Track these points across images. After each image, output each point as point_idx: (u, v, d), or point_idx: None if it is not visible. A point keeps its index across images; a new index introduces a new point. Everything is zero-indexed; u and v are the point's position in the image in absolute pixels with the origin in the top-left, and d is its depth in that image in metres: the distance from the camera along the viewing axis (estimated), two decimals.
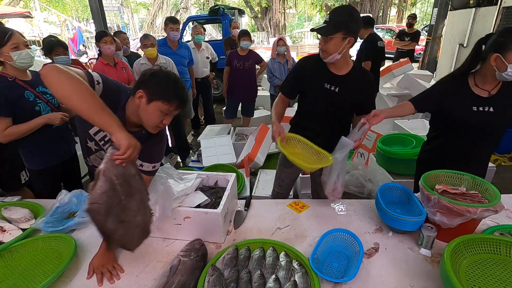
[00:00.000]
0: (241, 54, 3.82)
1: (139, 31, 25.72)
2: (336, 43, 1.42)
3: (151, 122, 1.13)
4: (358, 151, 3.30)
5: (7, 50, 1.54)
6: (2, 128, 1.58)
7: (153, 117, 1.12)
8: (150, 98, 1.10)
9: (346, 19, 1.42)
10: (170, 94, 1.10)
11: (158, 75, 1.13)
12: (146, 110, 1.11)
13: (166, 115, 1.13)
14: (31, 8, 15.55)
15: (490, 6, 4.61)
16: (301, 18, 27.20)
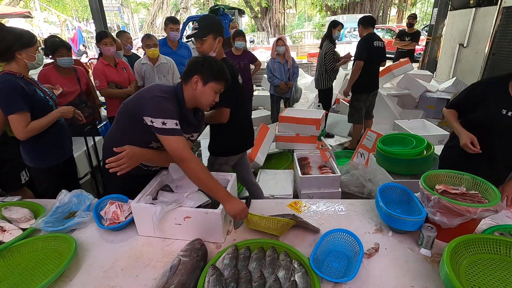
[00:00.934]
0: (236, 54, 3.83)
1: (139, 31, 25.73)
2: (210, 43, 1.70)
3: (208, 101, 1.38)
4: (358, 151, 3.30)
5: (34, 51, 1.66)
6: (25, 124, 1.61)
7: (209, 96, 1.36)
8: (206, 80, 1.34)
9: (212, 23, 1.71)
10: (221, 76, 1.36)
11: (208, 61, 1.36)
12: (203, 91, 1.35)
13: (217, 94, 1.39)
14: (31, 8, 15.55)
15: (490, 6, 4.61)
16: (301, 18, 27.20)
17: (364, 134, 3.27)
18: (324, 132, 3.98)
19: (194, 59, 1.40)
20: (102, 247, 1.27)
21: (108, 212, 1.39)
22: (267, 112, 4.90)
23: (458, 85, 4.45)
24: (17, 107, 1.57)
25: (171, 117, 1.24)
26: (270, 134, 3.08)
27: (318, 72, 4.21)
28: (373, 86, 3.80)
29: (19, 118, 1.58)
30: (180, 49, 3.70)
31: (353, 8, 21.11)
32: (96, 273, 1.13)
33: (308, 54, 10.14)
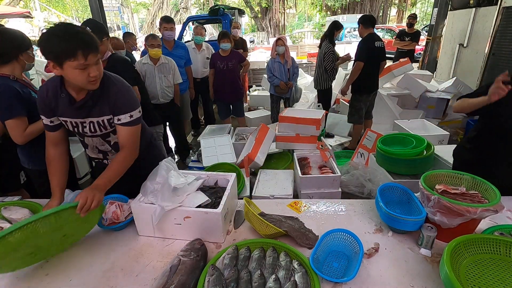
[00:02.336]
0: (223, 55, 3.84)
1: (139, 31, 25.71)
2: None
3: (80, 80, 1.17)
4: (358, 151, 3.30)
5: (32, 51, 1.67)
6: (23, 129, 1.59)
7: (77, 76, 1.15)
8: (60, 63, 1.11)
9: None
10: (71, 50, 1.09)
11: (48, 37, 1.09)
12: (66, 75, 1.16)
13: (85, 69, 1.14)
14: (31, 8, 15.55)
15: (490, 6, 4.61)
16: (301, 18, 27.21)
17: (364, 134, 3.27)
18: (324, 132, 3.98)
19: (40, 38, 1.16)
20: (102, 247, 1.27)
21: (108, 212, 1.39)
22: (267, 112, 4.90)
23: (458, 85, 4.45)
24: (14, 112, 1.55)
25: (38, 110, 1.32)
26: (270, 134, 3.08)
27: (318, 72, 4.21)
28: (373, 87, 3.80)
29: (17, 123, 1.56)
30: (175, 49, 3.68)
31: (353, 8, 21.12)
32: (96, 273, 1.13)
33: (308, 54, 10.14)
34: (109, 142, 1.47)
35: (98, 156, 1.54)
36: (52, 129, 1.37)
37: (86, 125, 1.36)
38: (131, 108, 1.34)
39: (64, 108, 1.30)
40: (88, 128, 1.37)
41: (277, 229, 1.21)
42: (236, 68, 3.97)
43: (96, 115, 1.33)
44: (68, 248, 1.24)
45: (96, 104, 1.31)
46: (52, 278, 1.11)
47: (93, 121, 1.35)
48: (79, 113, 1.32)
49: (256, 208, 1.43)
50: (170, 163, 1.38)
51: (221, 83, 3.95)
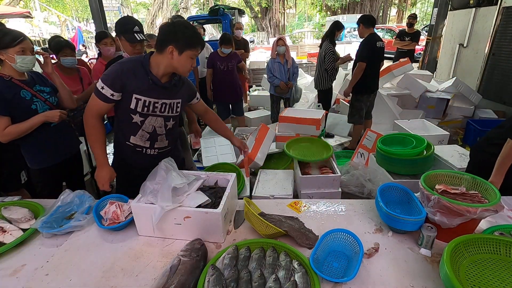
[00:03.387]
0: (223, 56, 3.84)
1: None
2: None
3: (186, 68, 1.45)
4: (358, 151, 3.30)
5: (13, 52, 1.59)
6: (2, 127, 1.59)
7: (187, 63, 1.43)
8: (181, 49, 1.38)
9: None
10: (195, 42, 1.40)
11: (181, 29, 1.38)
12: (180, 60, 1.40)
13: (193, 59, 1.44)
14: (31, 8, 15.55)
15: (490, 6, 4.61)
16: (301, 18, 27.21)
17: (364, 134, 3.27)
18: (324, 132, 3.98)
19: (164, 27, 1.42)
20: (102, 247, 1.27)
21: (108, 212, 1.39)
22: (267, 112, 4.90)
23: (458, 85, 4.45)
24: None
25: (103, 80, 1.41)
26: (270, 134, 3.08)
27: (318, 72, 4.21)
28: (374, 87, 3.80)
29: None
30: None
31: (353, 8, 21.12)
32: (96, 273, 1.13)
33: (308, 54, 10.15)
34: (166, 126, 1.60)
35: (144, 145, 1.60)
36: (106, 101, 1.43)
37: (158, 105, 1.50)
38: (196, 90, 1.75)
39: (145, 87, 1.44)
40: (159, 108, 1.51)
41: (277, 229, 1.21)
42: (235, 69, 3.98)
43: (172, 97, 1.54)
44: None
45: (175, 88, 1.54)
46: (52, 278, 1.11)
47: (166, 102, 1.52)
48: (159, 93, 1.48)
49: (256, 208, 1.43)
50: (170, 163, 1.38)
51: (221, 83, 3.95)
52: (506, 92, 4.29)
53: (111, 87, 1.40)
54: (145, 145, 1.59)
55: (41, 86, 1.78)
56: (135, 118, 1.50)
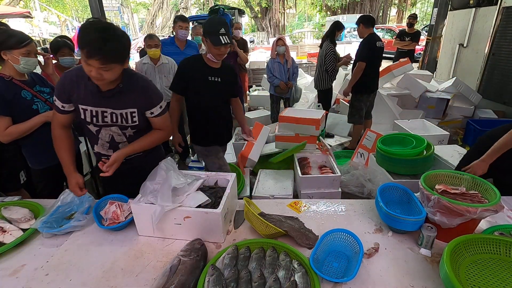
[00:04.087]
0: None
1: (139, 31, 25.72)
2: None
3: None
4: (358, 151, 3.30)
5: (18, 53, 1.61)
6: (3, 128, 1.60)
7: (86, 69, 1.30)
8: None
9: None
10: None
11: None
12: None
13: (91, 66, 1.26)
14: (31, 8, 15.56)
15: (490, 6, 4.61)
16: (301, 18, 27.21)
17: (364, 134, 3.27)
18: (324, 132, 3.98)
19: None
20: (102, 247, 1.27)
21: (108, 212, 1.39)
22: (267, 112, 4.90)
23: (458, 85, 4.45)
24: None
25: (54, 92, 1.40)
26: (265, 131, 3.09)
27: (318, 72, 4.21)
28: (373, 87, 3.80)
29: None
30: (187, 49, 3.64)
31: (353, 8, 21.12)
32: (96, 273, 1.13)
33: (308, 54, 10.15)
34: (125, 134, 1.50)
35: (107, 153, 1.52)
36: (61, 112, 1.41)
37: (107, 115, 1.40)
38: (159, 101, 1.48)
39: (88, 96, 1.35)
40: (110, 118, 1.41)
41: (277, 229, 1.21)
42: (235, 68, 3.97)
43: (121, 107, 1.40)
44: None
45: (122, 96, 1.38)
46: (52, 278, 1.11)
47: (115, 112, 1.41)
48: (103, 102, 1.38)
49: (256, 208, 1.43)
50: (170, 163, 1.38)
51: None
52: (506, 92, 4.29)
53: (59, 99, 1.37)
54: (108, 153, 1.51)
55: (41, 86, 1.80)
56: (91, 128, 1.45)
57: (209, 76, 1.97)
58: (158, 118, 1.49)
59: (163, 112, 1.51)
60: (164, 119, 1.53)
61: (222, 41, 1.81)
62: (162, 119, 1.52)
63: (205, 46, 1.92)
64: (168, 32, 19.45)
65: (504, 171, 1.61)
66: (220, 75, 1.99)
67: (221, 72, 2.00)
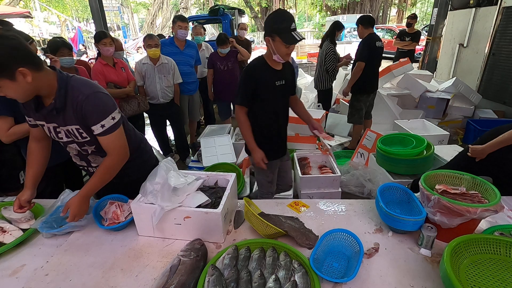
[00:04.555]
0: (222, 56, 3.85)
1: (139, 31, 25.73)
2: None
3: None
4: (358, 151, 3.30)
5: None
6: (6, 128, 1.60)
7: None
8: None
9: None
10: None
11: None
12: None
13: None
14: (31, 8, 15.56)
15: (490, 6, 4.61)
16: (301, 18, 27.21)
17: (364, 134, 3.27)
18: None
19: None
20: (102, 247, 1.27)
21: (108, 212, 1.39)
22: None
23: (458, 85, 4.45)
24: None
25: None
26: None
27: (318, 72, 4.21)
28: (373, 87, 3.80)
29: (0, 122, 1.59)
30: (187, 49, 3.64)
31: (353, 8, 21.12)
32: (96, 273, 1.13)
33: (308, 54, 10.15)
34: (86, 150, 1.38)
35: (81, 164, 1.49)
36: (32, 126, 1.36)
37: (60, 130, 1.29)
38: (101, 117, 1.22)
39: (34, 111, 1.24)
40: (63, 133, 1.30)
41: (277, 229, 1.21)
42: (236, 67, 3.97)
43: (64, 124, 1.25)
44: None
45: (60, 113, 1.22)
46: (52, 278, 1.11)
47: (63, 128, 1.28)
48: (50, 118, 1.25)
49: (256, 208, 1.43)
50: (170, 163, 1.38)
51: (222, 83, 3.96)
52: (506, 92, 4.29)
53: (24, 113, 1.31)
54: (82, 164, 1.49)
55: None
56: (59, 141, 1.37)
57: (276, 81, 1.73)
58: (101, 138, 1.26)
59: (106, 132, 1.25)
60: (109, 141, 1.27)
61: (297, 38, 1.57)
62: (106, 140, 1.27)
63: (269, 47, 1.65)
64: (168, 32, 19.44)
65: (503, 170, 1.62)
66: (284, 77, 1.77)
67: (284, 73, 1.77)
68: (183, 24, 3.47)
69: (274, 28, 1.59)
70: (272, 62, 1.71)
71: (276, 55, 1.65)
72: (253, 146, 1.76)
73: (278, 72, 1.74)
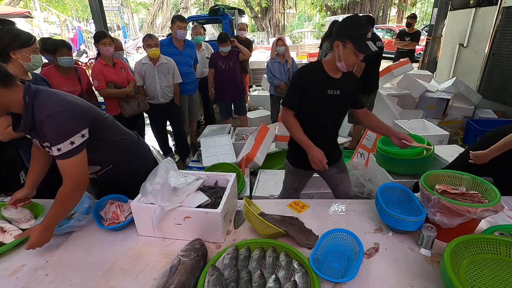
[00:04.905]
0: (224, 55, 3.84)
1: (139, 31, 25.72)
2: None
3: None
4: (358, 151, 3.30)
5: (28, 51, 1.63)
6: (3, 126, 1.60)
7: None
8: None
9: None
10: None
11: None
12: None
13: None
14: (31, 8, 15.55)
15: (490, 6, 4.61)
16: (301, 18, 27.20)
17: (364, 134, 3.27)
18: None
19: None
20: (102, 247, 1.27)
21: (108, 212, 1.39)
22: (267, 112, 4.90)
23: (458, 85, 4.45)
24: None
25: None
26: (270, 134, 3.09)
27: None
28: (373, 87, 3.80)
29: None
30: (186, 49, 3.63)
31: (353, 8, 21.11)
32: (96, 273, 1.13)
33: (308, 54, 10.13)
34: None
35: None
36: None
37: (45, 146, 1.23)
38: (58, 140, 1.12)
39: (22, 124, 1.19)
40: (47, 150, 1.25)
41: (277, 229, 1.21)
42: (237, 67, 3.97)
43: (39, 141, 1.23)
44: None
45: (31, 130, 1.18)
46: (52, 278, 1.11)
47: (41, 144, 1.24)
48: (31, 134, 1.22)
49: (256, 208, 1.43)
50: (170, 163, 1.38)
51: (223, 83, 3.95)
52: (506, 92, 4.29)
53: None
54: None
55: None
56: None
57: (328, 90, 1.56)
58: (58, 162, 1.17)
59: (63, 156, 1.15)
60: (64, 166, 1.18)
61: (372, 48, 1.39)
62: (62, 165, 1.17)
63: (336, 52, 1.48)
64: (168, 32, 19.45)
65: (504, 172, 1.62)
66: (340, 87, 1.58)
67: (342, 83, 1.58)
68: (182, 24, 3.46)
69: (350, 32, 1.42)
70: (331, 69, 1.55)
71: (342, 62, 1.47)
72: (309, 144, 1.55)
73: (334, 80, 1.56)
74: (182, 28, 3.47)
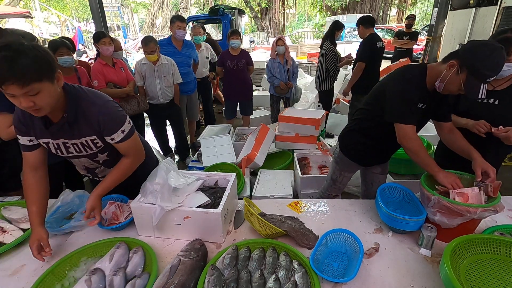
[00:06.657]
0: (233, 54, 3.83)
1: (139, 31, 25.73)
2: None
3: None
4: None
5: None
6: (6, 125, 1.59)
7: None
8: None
9: None
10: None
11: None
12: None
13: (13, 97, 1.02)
14: (31, 8, 15.56)
15: (490, 6, 4.61)
16: (301, 18, 27.21)
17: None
18: (324, 132, 3.98)
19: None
20: None
21: (107, 212, 1.39)
22: (267, 112, 4.90)
23: None
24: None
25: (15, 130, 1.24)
26: (270, 135, 3.08)
27: (319, 73, 4.21)
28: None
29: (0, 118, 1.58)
30: (185, 49, 3.63)
31: (353, 8, 21.12)
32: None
33: (308, 54, 10.14)
34: (97, 161, 1.37)
35: (88, 174, 1.48)
36: (30, 149, 1.23)
37: (69, 145, 1.25)
38: (120, 124, 1.24)
39: (41, 130, 1.19)
40: (73, 149, 1.27)
41: (277, 229, 1.21)
42: (245, 68, 3.97)
43: (78, 137, 1.23)
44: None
45: (73, 126, 1.19)
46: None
47: (76, 142, 1.24)
48: (59, 134, 1.21)
49: (256, 208, 1.43)
50: (170, 164, 1.38)
51: (231, 82, 3.95)
52: None
53: (21, 134, 1.20)
54: (88, 174, 1.48)
55: None
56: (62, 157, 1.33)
57: (420, 102, 1.39)
58: (121, 144, 1.28)
59: (126, 137, 1.27)
60: (129, 144, 1.30)
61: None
62: (126, 145, 1.29)
63: (445, 70, 1.26)
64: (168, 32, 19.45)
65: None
66: (429, 101, 1.42)
67: (432, 97, 1.41)
68: (181, 24, 3.46)
69: (477, 67, 1.18)
70: (430, 81, 1.35)
71: (441, 83, 1.29)
72: (438, 169, 1.33)
73: (428, 93, 1.38)
74: (181, 28, 3.48)
